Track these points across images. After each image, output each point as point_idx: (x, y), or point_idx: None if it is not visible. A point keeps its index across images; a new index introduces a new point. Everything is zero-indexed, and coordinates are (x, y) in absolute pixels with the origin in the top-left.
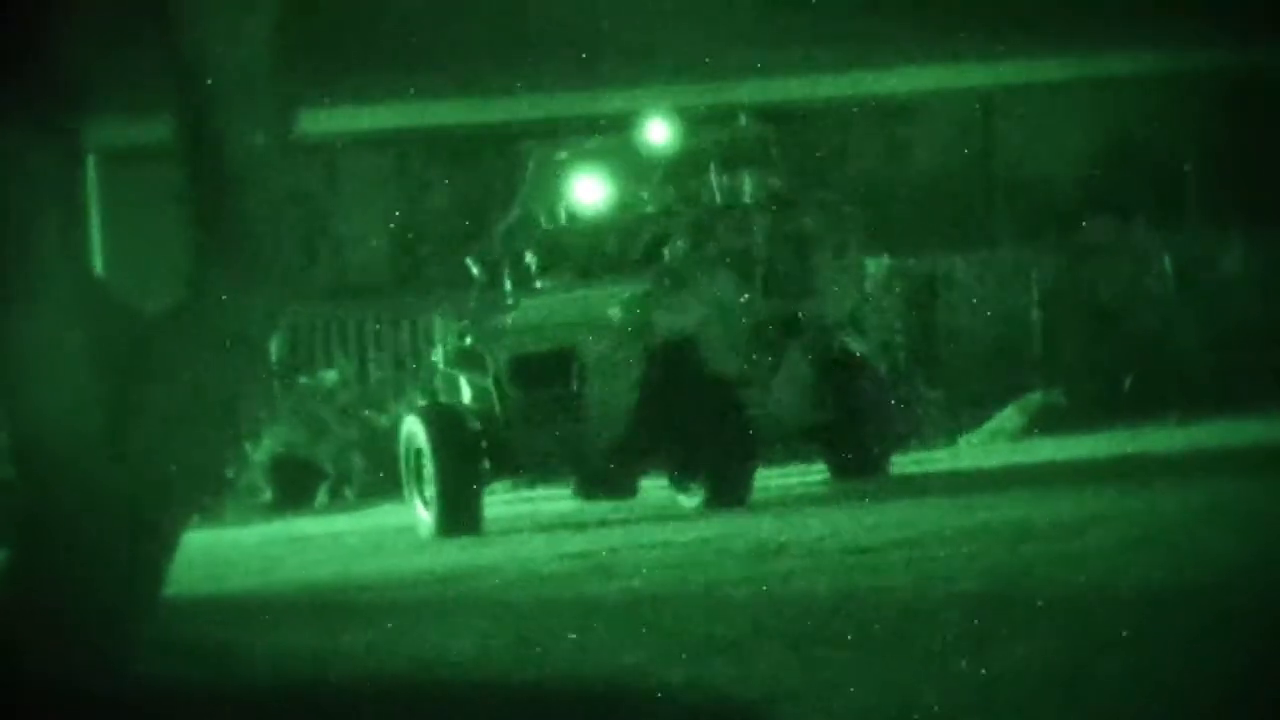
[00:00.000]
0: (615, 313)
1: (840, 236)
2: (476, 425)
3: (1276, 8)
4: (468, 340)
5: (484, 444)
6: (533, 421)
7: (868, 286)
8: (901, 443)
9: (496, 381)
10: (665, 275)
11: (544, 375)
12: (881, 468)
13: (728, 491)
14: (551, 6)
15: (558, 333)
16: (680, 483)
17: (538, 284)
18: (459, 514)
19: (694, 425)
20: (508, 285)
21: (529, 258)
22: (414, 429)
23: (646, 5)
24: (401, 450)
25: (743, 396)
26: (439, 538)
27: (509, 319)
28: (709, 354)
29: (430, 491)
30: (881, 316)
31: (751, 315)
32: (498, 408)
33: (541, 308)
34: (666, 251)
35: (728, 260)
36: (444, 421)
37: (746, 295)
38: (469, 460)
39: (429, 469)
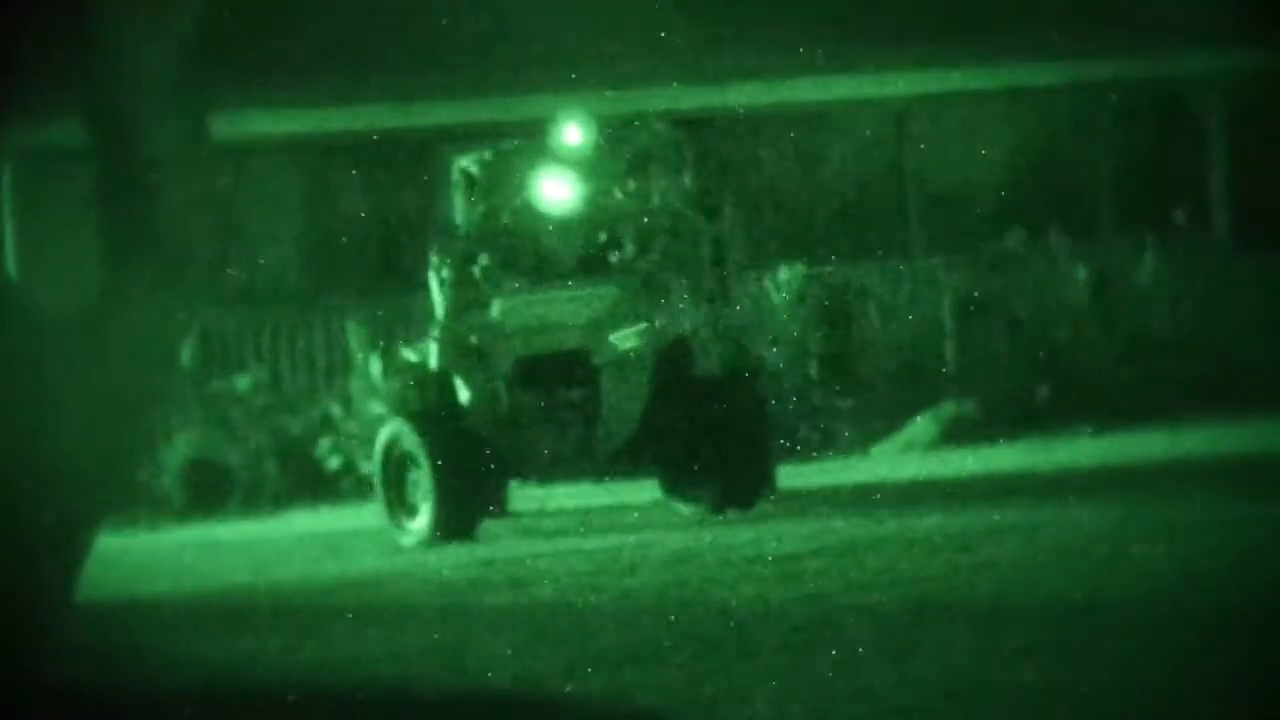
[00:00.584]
0: (625, 312)
1: (712, 249)
2: (471, 429)
3: (1187, 19)
4: (472, 339)
5: (486, 449)
6: (548, 422)
7: (784, 296)
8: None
9: (506, 382)
10: (653, 277)
11: (557, 376)
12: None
13: (740, 493)
14: (464, 13)
15: (568, 333)
16: (684, 485)
17: (514, 284)
18: (455, 520)
19: (708, 425)
20: (475, 286)
21: (492, 258)
22: (400, 433)
23: (559, 12)
24: (380, 456)
25: (760, 392)
26: (432, 544)
27: (510, 319)
28: (701, 355)
29: (420, 497)
30: (795, 326)
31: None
32: (505, 409)
33: (538, 307)
34: (647, 252)
35: (681, 265)
36: (439, 426)
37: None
38: (466, 465)
39: (422, 474)
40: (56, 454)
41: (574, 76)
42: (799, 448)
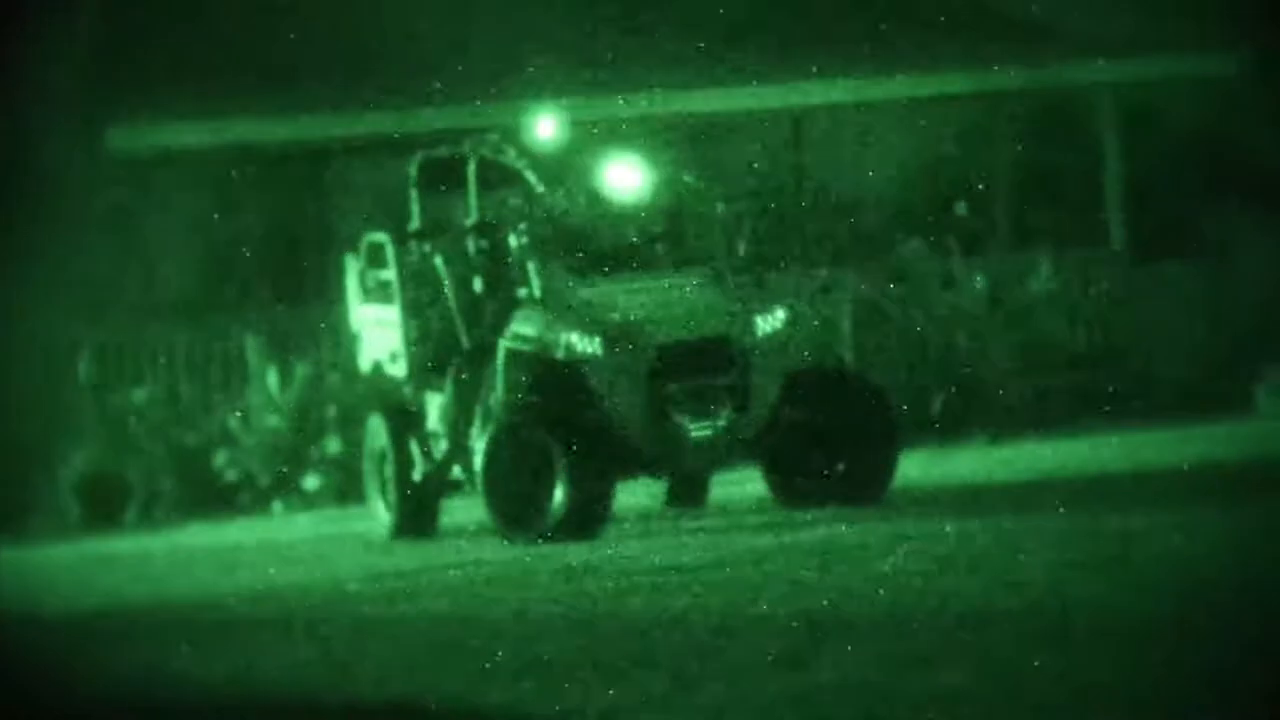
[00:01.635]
0: (762, 303)
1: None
2: (605, 422)
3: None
4: (604, 327)
5: (622, 442)
6: (695, 410)
7: None
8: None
9: (648, 371)
10: (746, 267)
11: (700, 363)
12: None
13: (869, 485)
14: (361, 25)
15: (709, 319)
16: (805, 477)
17: (597, 275)
18: (586, 518)
19: (843, 416)
20: (542, 279)
21: (568, 249)
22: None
23: (455, 23)
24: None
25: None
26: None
27: (642, 307)
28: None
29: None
30: None
31: None
32: (646, 398)
33: (638, 296)
34: (737, 248)
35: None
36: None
37: None
38: (601, 460)
39: (552, 471)
40: None
41: (471, 87)
42: None
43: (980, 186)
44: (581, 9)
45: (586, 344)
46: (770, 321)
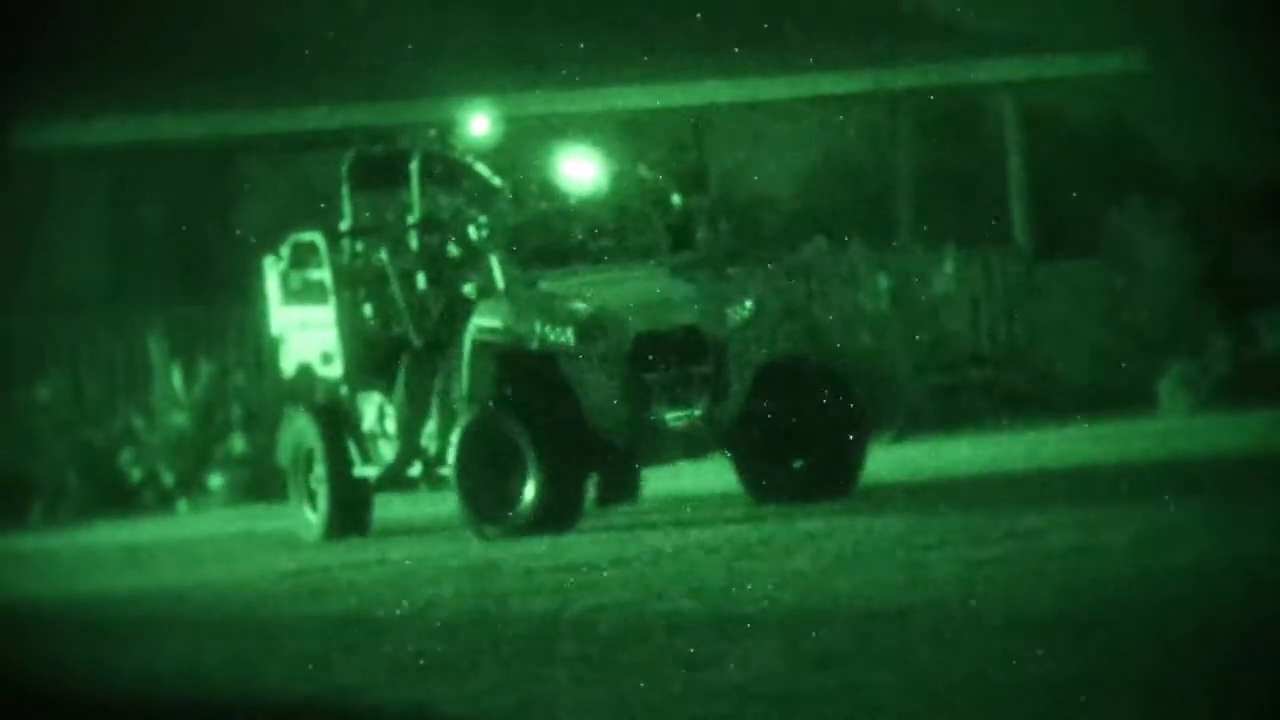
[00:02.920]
0: (729, 294)
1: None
2: (581, 412)
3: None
4: (580, 316)
5: (601, 432)
6: (672, 399)
7: None
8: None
9: (624, 360)
10: (708, 258)
11: (675, 352)
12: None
13: (839, 477)
14: (263, 21)
15: (682, 308)
16: (772, 469)
17: (559, 269)
18: (560, 511)
19: (811, 406)
20: (504, 271)
21: (526, 241)
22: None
23: (348, 18)
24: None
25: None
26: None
27: (621, 299)
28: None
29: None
30: None
31: None
32: (622, 387)
33: (604, 288)
34: (678, 236)
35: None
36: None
37: None
38: (578, 451)
39: (526, 464)
40: None
41: (375, 85)
42: None
43: (883, 184)
44: (485, 7)
45: (559, 334)
46: (740, 312)
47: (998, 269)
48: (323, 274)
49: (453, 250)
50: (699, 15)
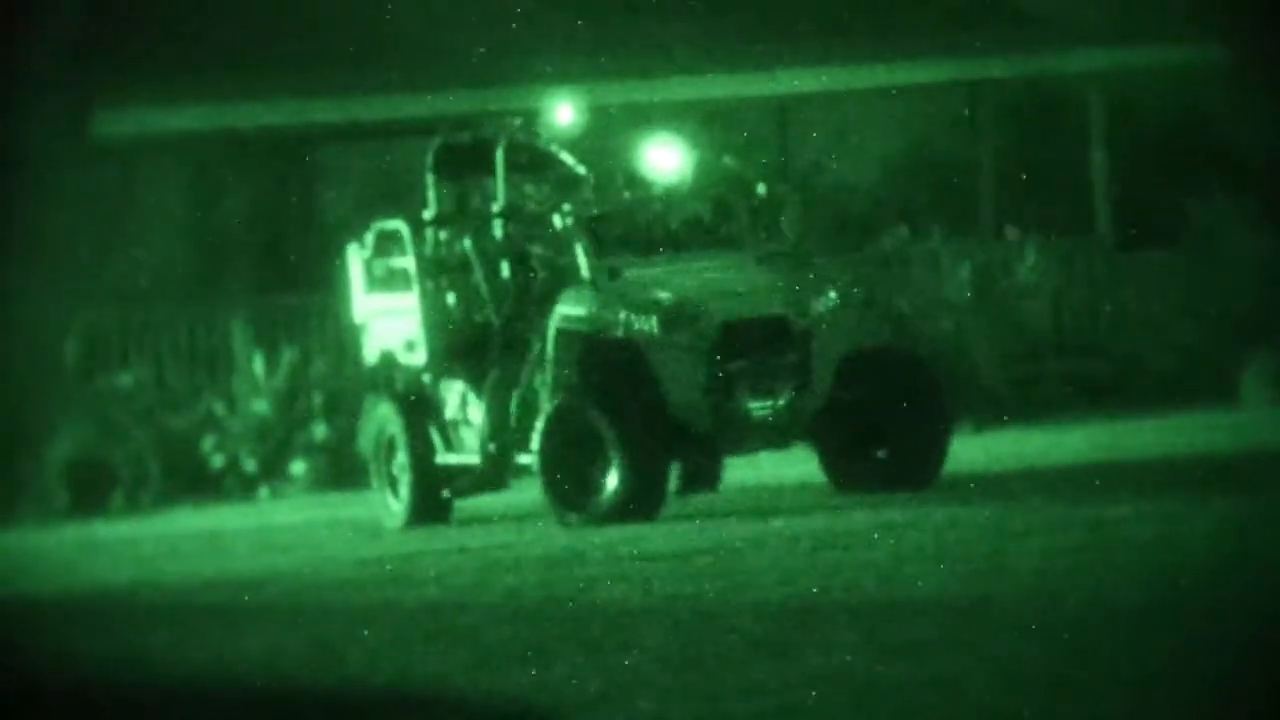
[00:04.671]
0: (814, 284)
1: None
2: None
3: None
4: (665, 305)
5: (684, 420)
6: (757, 388)
7: None
8: None
9: (709, 349)
10: (795, 249)
11: (761, 341)
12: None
13: (921, 467)
14: (346, 8)
15: (768, 298)
16: (855, 458)
17: (632, 256)
18: (644, 500)
19: (893, 397)
20: (591, 261)
21: (610, 230)
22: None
23: (447, 8)
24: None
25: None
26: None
27: (706, 288)
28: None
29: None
30: None
31: None
32: (702, 378)
33: (688, 277)
34: (757, 225)
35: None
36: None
37: None
38: (661, 439)
39: (608, 452)
40: None
41: (457, 74)
42: None
43: (965, 174)
44: None
45: (643, 322)
46: (824, 302)
47: (1080, 259)
48: (406, 262)
49: (537, 238)
50: (784, 4)
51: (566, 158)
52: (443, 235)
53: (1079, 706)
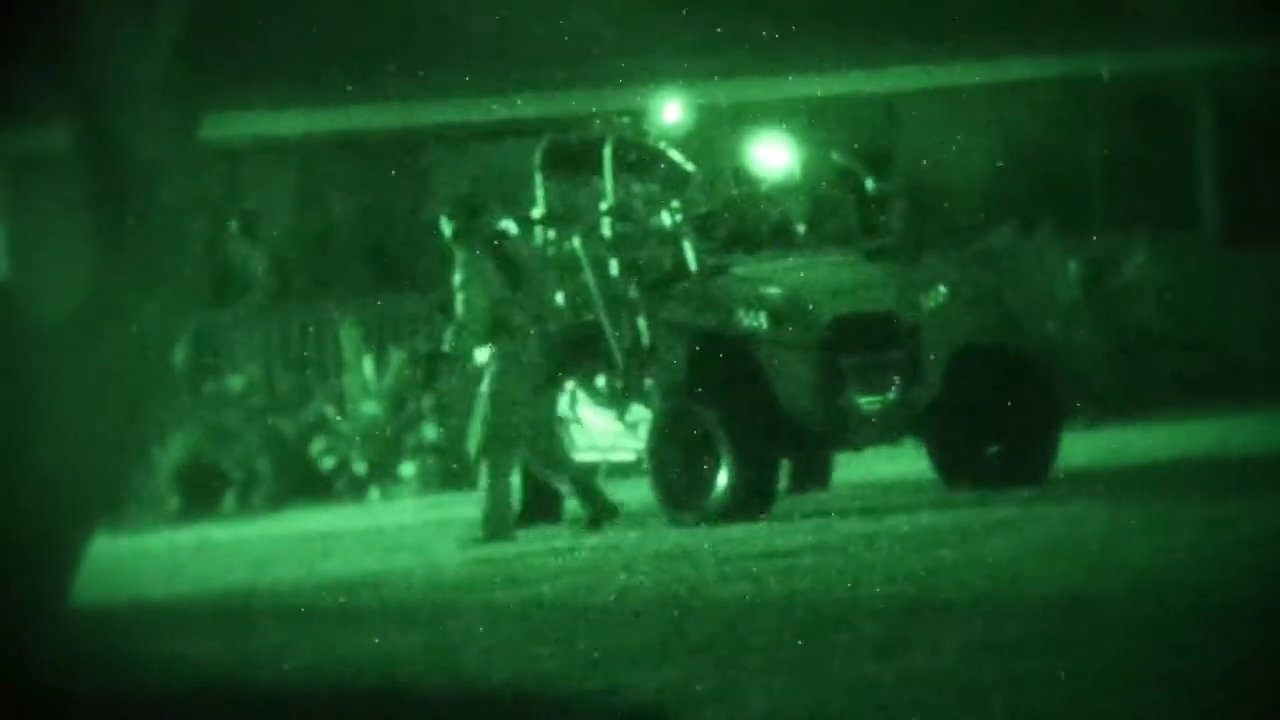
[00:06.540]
0: (923, 279)
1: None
2: (774, 397)
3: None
4: (776, 300)
5: (796, 416)
6: (868, 383)
7: None
8: None
9: (820, 344)
10: (903, 244)
11: (871, 336)
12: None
13: (1032, 463)
14: (449, 11)
15: (878, 293)
16: (965, 455)
17: (739, 253)
18: (755, 496)
19: (1006, 392)
20: (696, 257)
21: (720, 227)
22: (688, 406)
23: (551, 10)
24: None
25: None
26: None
27: (815, 284)
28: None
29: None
30: None
31: None
32: (812, 374)
33: (794, 273)
34: (865, 222)
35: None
36: (740, 395)
37: None
38: (771, 436)
39: (719, 449)
40: (51, 457)
41: (564, 75)
42: None
43: (1072, 171)
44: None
45: (752, 319)
46: (934, 297)
47: (1187, 255)
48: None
49: (645, 237)
50: (893, 1)
51: (674, 155)
52: (552, 234)
53: (1186, 707)
